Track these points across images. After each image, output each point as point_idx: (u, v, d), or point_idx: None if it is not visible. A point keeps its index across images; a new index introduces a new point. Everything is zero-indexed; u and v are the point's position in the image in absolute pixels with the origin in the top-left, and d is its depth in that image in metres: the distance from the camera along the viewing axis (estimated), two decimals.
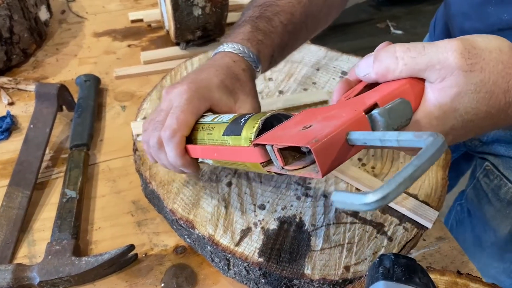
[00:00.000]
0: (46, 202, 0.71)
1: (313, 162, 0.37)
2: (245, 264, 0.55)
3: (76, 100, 0.85)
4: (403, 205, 0.60)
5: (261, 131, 0.42)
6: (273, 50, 0.61)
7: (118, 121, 0.85)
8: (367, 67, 0.41)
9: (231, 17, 1.09)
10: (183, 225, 0.59)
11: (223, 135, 0.46)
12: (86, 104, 0.83)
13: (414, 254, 0.66)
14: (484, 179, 0.84)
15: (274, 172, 0.41)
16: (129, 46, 1.03)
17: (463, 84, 0.37)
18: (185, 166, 0.51)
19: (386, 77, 0.39)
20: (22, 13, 0.92)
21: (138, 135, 0.68)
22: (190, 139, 0.51)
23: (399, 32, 2.86)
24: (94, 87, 0.87)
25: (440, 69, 0.37)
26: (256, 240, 0.56)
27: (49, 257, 0.60)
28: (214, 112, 0.54)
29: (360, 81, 0.44)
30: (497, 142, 0.77)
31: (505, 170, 0.78)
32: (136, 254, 0.63)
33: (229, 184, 0.63)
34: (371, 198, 0.27)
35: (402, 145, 0.31)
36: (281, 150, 0.39)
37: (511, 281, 0.89)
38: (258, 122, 0.42)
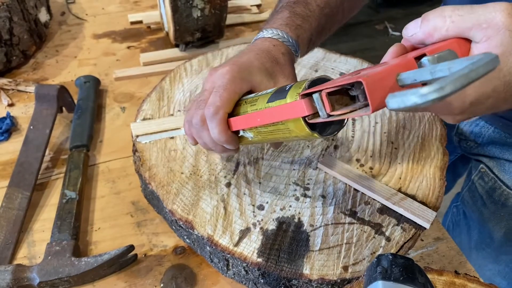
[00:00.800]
0: (46, 203, 0.71)
1: (361, 107, 0.38)
2: (244, 264, 0.55)
3: (75, 101, 0.85)
4: (401, 206, 0.60)
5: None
6: (311, 34, 0.63)
7: (117, 122, 0.85)
8: (414, 27, 0.41)
9: (230, 19, 1.10)
10: (182, 225, 0.59)
11: (268, 102, 0.47)
12: (85, 105, 0.83)
13: (412, 254, 0.66)
14: (479, 181, 0.84)
15: (319, 122, 0.42)
16: (128, 47, 1.04)
17: (508, 44, 0.37)
18: (227, 141, 0.53)
19: (433, 35, 0.40)
20: (22, 15, 0.93)
21: (137, 136, 0.69)
22: (232, 116, 0.52)
23: (397, 33, 2.86)
24: (94, 89, 0.88)
25: (486, 28, 0.37)
26: (255, 241, 0.57)
27: (49, 257, 0.60)
28: None
29: (414, 48, 0.44)
30: (492, 144, 0.78)
31: (499, 172, 0.79)
32: (135, 255, 0.64)
33: (228, 185, 0.63)
34: (428, 89, 0.28)
35: (453, 70, 0.31)
36: (329, 96, 0.39)
37: (506, 283, 0.89)
38: (305, 82, 0.43)
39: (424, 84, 0.34)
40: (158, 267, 0.63)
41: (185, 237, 0.62)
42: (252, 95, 0.52)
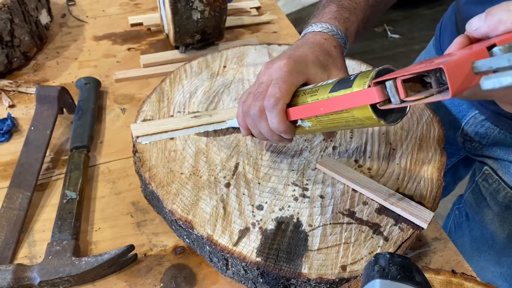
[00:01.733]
0: (47, 203, 0.72)
1: (436, 93, 0.40)
2: (243, 264, 0.56)
3: (76, 102, 0.85)
4: (399, 206, 0.61)
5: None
6: (358, 26, 0.65)
7: (118, 123, 0.86)
8: (478, 21, 0.42)
9: (230, 21, 1.10)
10: (182, 225, 0.59)
11: (330, 92, 0.49)
12: (86, 107, 0.84)
13: (410, 254, 0.67)
14: (483, 183, 0.84)
15: (390, 108, 0.43)
16: (128, 49, 1.04)
17: None
18: (286, 131, 0.55)
19: (497, 29, 0.41)
20: (23, 17, 0.93)
21: (137, 137, 0.69)
22: (289, 106, 0.55)
23: (396, 36, 2.87)
24: (94, 90, 0.88)
25: None
26: (254, 240, 0.57)
27: (50, 257, 0.61)
28: None
29: (477, 40, 0.45)
30: (497, 145, 0.78)
31: (503, 174, 0.79)
32: (135, 255, 0.64)
33: (228, 185, 0.64)
34: None
35: None
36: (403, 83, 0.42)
37: (508, 285, 0.89)
38: (372, 72, 0.45)
39: (495, 71, 0.36)
40: (158, 267, 0.64)
41: (184, 237, 0.62)
42: (310, 86, 0.54)
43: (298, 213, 0.61)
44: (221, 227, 0.58)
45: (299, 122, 0.55)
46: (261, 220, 0.60)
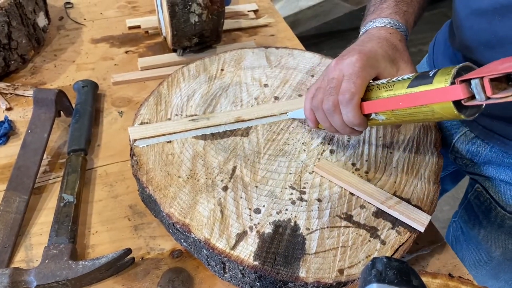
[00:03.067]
0: (44, 207, 0.72)
1: None
2: (241, 268, 0.56)
3: (74, 105, 0.85)
4: (396, 209, 0.61)
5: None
6: (415, 17, 0.67)
7: (115, 127, 0.86)
8: None
9: (228, 24, 1.10)
10: (179, 229, 0.59)
11: (408, 87, 0.51)
12: (83, 110, 0.84)
13: (407, 257, 0.67)
14: (475, 200, 0.84)
15: (473, 105, 0.46)
16: (126, 52, 1.04)
17: None
18: (360, 124, 0.57)
19: None
20: (21, 20, 0.93)
21: (135, 140, 0.69)
22: (362, 100, 0.57)
23: None
24: (92, 93, 0.88)
25: None
26: (251, 244, 0.57)
27: (46, 261, 0.61)
28: None
29: None
30: (488, 163, 0.77)
31: (495, 193, 0.78)
32: (133, 258, 0.64)
33: (225, 189, 0.64)
34: None
35: None
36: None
37: None
38: (453, 69, 0.47)
39: None
40: (155, 270, 0.64)
41: (182, 240, 0.62)
42: (383, 81, 0.56)
43: (295, 216, 0.61)
44: (218, 231, 0.58)
45: (373, 116, 0.57)
46: (258, 223, 0.60)
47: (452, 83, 0.47)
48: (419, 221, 0.60)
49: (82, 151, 0.77)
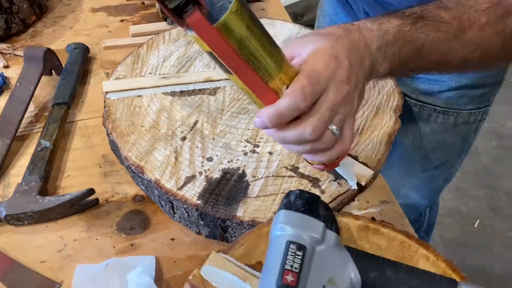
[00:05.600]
0: (25, 152, 0.78)
1: None
2: (185, 206, 0.60)
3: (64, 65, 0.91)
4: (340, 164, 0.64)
5: None
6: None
7: (100, 86, 0.91)
8: None
9: None
10: (134, 170, 0.64)
11: None
12: (72, 69, 0.89)
13: (354, 212, 0.69)
14: None
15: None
16: (121, 21, 1.10)
17: None
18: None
19: None
20: None
21: (107, 93, 0.74)
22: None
23: None
24: (82, 54, 0.94)
25: None
26: (198, 186, 0.62)
27: (17, 195, 0.67)
28: None
29: None
30: None
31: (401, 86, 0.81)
32: (97, 199, 0.69)
33: (183, 139, 0.68)
34: None
35: None
36: None
37: (419, 196, 0.93)
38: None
39: None
40: (116, 211, 0.69)
41: (140, 184, 0.67)
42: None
43: (245, 165, 0.65)
44: (169, 173, 0.63)
45: None
46: (208, 169, 0.64)
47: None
48: (361, 175, 0.63)
49: (65, 105, 0.82)
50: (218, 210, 0.59)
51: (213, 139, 0.69)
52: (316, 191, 0.62)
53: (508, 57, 0.60)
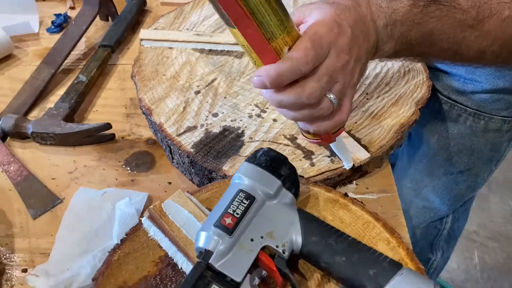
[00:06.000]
0: (66, 84, 0.85)
1: None
2: (179, 152, 0.63)
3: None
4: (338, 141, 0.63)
5: None
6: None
7: None
8: None
9: None
10: (145, 112, 0.69)
11: None
12: (125, 17, 0.96)
13: (350, 195, 0.69)
14: None
15: None
16: None
17: None
18: None
19: None
20: None
21: (142, 40, 0.79)
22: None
23: None
24: (138, 6, 1.00)
25: None
26: (195, 136, 0.65)
27: (45, 117, 0.74)
28: None
29: None
30: None
31: (434, 81, 0.79)
32: (113, 134, 0.75)
33: (197, 92, 0.71)
34: None
35: None
36: None
37: (439, 200, 0.89)
38: None
39: None
40: (128, 149, 0.74)
41: (151, 127, 0.72)
42: None
43: (246, 127, 0.67)
44: (174, 120, 0.67)
45: None
46: (210, 124, 0.67)
47: None
48: (357, 157, 0.62)
49: (109, 48, 0.89)
50: (207, 161, 0.61)
51: (225, 97, 0.71)
52: (306, 163, 0.62)
53: None
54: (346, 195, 0.54)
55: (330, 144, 0.59)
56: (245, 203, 0.44)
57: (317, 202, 0.52)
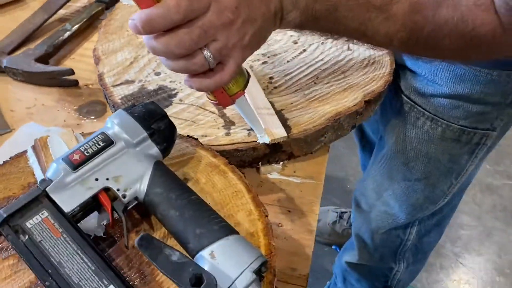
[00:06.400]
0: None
1: None
2: (109, 101, 0.67)
3: None
4: (261, 117, 0.63)
5: None
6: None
7: None
8: None
9: None
10: (95, 61, 0.73)
11: None
12: None
13: (273, 174, 0.68)
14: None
15: None
16: None
17: None
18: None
19: None
20: None
21: None
22: None
23: None
24: None
25: None
26: (128, 90, 0.68)
27: (21, 55, 0.81)
28: None
29: None
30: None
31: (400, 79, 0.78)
32: (76, 81, 0.80)
33: (149, 52, 0.74)
34: None
35: None
36: None
37: (398, 206, 0.86)
38: None
39: None
40: (87, 97, 0.78)
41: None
42: None
43: (181, 89, 0.69)
44: (116, 72, 0.70)
45: None
46: (148, 81, 0.69)
47: None
48: (272, 132, 0.62)
49: (104, 4, 0.94)
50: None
51: None
52: (222, 132, 0.63)
53: (454, 55, 0.52)
54: (232, 166, 0.54)
55: (236, 109, 0.59)
56: (100, 145, 0.46)
57: (198, 164, 0.53)
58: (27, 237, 0.41)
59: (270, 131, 0.62)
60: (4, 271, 0.45)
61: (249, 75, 0.56)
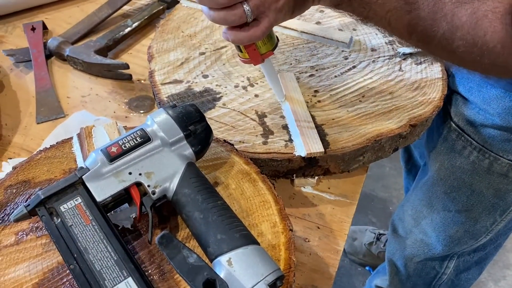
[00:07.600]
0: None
1: None
2: (156, 97, 0.69)
3: None
4: (300, 130, 0.63)
5: None
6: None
7: None
8: None
9: None
10: (148, 58, 0.75)
11: None
12: None
13: (307, 188, 0.68)
14: None
15: None
16: None
17: None
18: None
19: None
20: None
21: None
22: None
23: None
24: None
25: None
26: (176, 89, 0.70)
27: (82, 46, 0.86)
28: None
29: None
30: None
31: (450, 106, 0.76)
32: (130, 75, 0.83)
33: (202, 54, 0.76)
34: None
35: None
36: None
37: (435, 236, 0.83)
38: None
39: None
40: (137, 91, 0.82)
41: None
42: None
43: (226, 94, 0.70)
44: (166, 71, 0.72)
45: None
46: (196, 82, 0.71)
47: None
48: (310, 146, 0.62)
49: (166, 3, 0.98)
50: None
51: (224, 64, 0.74)
52: (260, 140, 0.63)
53: (465, 61, 0.51)
54: (261, 172, 0.54)
55: (262, 69, 0.63)
56: (137, 140, 0.48)
57: (230, 169, 0.54)
58: (59, 220, 0.44)
59: (308, 144, 0.62)
60: (37, 249, 0.47)
61: (278, 40, 0.60)
